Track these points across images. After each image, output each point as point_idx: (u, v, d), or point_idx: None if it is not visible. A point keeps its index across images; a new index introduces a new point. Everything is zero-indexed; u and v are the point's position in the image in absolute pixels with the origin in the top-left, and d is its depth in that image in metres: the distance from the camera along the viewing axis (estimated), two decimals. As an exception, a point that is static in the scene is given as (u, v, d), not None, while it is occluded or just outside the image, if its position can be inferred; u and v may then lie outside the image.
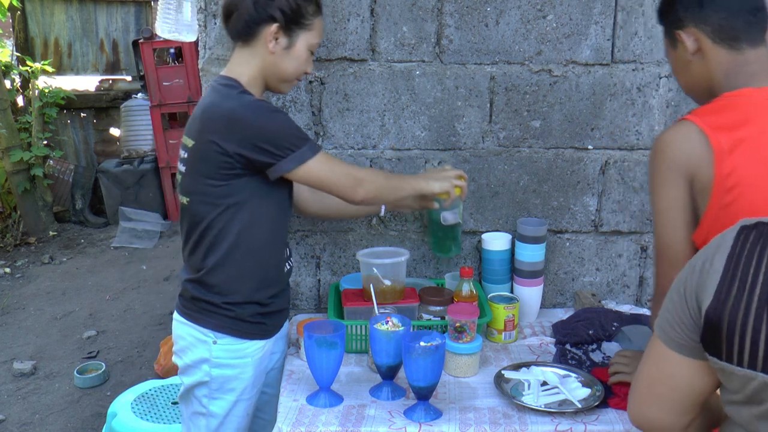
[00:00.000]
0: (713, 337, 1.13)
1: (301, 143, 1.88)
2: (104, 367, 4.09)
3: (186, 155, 1.95)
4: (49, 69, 6.98)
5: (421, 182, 2.10)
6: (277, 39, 1.91)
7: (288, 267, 2.12)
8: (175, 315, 2.07)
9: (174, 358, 2.09)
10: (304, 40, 1.95)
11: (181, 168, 1.97)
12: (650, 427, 1.31)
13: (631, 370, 1.89)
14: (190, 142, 1.93)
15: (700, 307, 1.15)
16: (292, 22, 1.90)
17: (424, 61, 2.38)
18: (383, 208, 2.30)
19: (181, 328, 2.03)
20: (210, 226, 1.93)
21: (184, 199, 1.97)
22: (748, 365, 1.09)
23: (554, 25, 2.36)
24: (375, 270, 2.19)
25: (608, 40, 2.37)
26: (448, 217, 2.26)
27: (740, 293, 1.10)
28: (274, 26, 1.89)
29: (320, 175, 1.92)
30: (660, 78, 2.39)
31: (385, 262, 2.20)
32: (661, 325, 1.24)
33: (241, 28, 1.92)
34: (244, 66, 1.95)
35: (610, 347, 2.18)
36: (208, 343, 1.98)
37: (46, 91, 6.82)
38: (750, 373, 1.10)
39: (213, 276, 1.96)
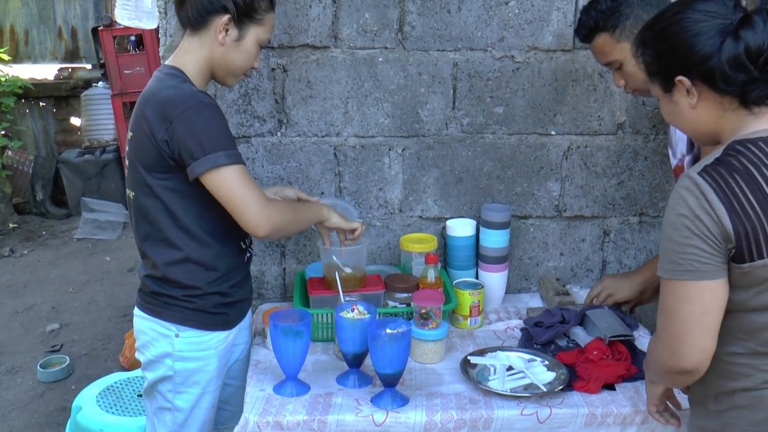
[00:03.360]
0: (741, 248, 1.36)
1: (219, 148, 1.79)
2: (68, 361, 4.04)
3: (128, 148, 1.92)
4: (5, 57, 6.83)
5: (324, 211, 2.10)
6: (227, 30, 1.88)
7: (248, 255, 2.10)
8: (136, 310, 2.04)
9: (136, 354, 2.07)
10: (255, 35, 1.92)
11: (127, 162, 1.94)
12: (704, 359, 1.42)
13: (614, 290, 2.29)
14: (130, 134, 1.90)
15: (726, 232, 1.35)
16: (244, 15, 1.88)
17: (386, 48, 2.37)
18: None
19: (143, 323, 2.01)
20: (158, 221, 1.90)
21: (131, 194, 1.94)
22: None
23: (516, 11, 2.36)
24: (334, 258, 2.19)
25: (570, 26, 2.38)
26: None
27: (744, 208, 1.34)
28: (225, 17, 1.86)
29: (232, 188, 1.80)
30: (621, 63, 2.41)
31: (344, 250, 2.20)
32: (687, 269, 1.39)
33: (193, 16, 1.88)
34: (191, 55, 1.92)
35: (576, 332, 2.20)
36: (171, 336, 1.96)
37: (3, 79, 6.67)
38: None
39: (171, 271, 1.93)
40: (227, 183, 1.80)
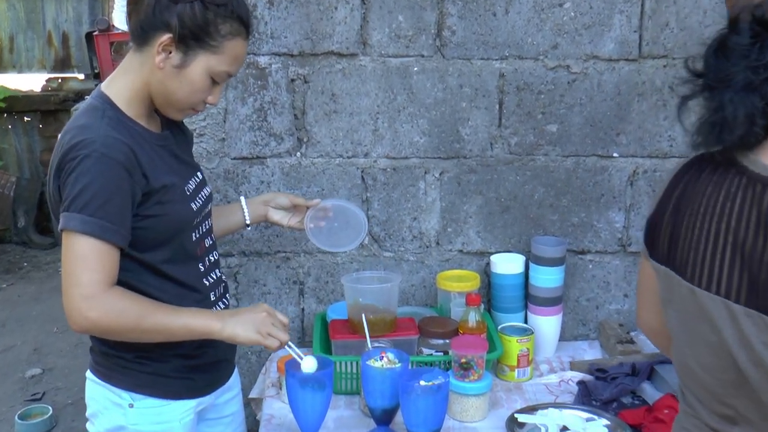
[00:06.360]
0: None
1: (81, 209, 1.65)
2: (51, 412, 4.05)
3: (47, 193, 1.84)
4: (-12, 66, 6.98)
5: (213, 323, 1.77)
6: (169, 53, 1.73)
7: (222, 307, 1.98)
8: (88, 373, 1.94)
9: (87, 425, 1.97)
10: (204, 63, 1.75)
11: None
12: (647, 330, 1.62)
13: None
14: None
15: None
16: (191, 37, 1.72)
17: (423, 56, 2.39)
18: (247, 217, 2.17)
19: (93, 388, 1.91)
20: None
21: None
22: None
23: (572, 14, 2.37)
24: (360, 299, 2.18)
25: (635, 31, 2.39)
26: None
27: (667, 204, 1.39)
28: (166, 36, 1.71)
29: (67, 260, 1.67)
30: (695, 75, 2.41)
31: (371, 288, 2.19)
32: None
33: (134, 30, 1.77)
34: (128, 76, 1.80)
35: (642, 387, 2.17)
36: (123, 406, 1.85)
37: (-16, 91, 6.81)
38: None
39: None
40: (67, 252, 1.68)
